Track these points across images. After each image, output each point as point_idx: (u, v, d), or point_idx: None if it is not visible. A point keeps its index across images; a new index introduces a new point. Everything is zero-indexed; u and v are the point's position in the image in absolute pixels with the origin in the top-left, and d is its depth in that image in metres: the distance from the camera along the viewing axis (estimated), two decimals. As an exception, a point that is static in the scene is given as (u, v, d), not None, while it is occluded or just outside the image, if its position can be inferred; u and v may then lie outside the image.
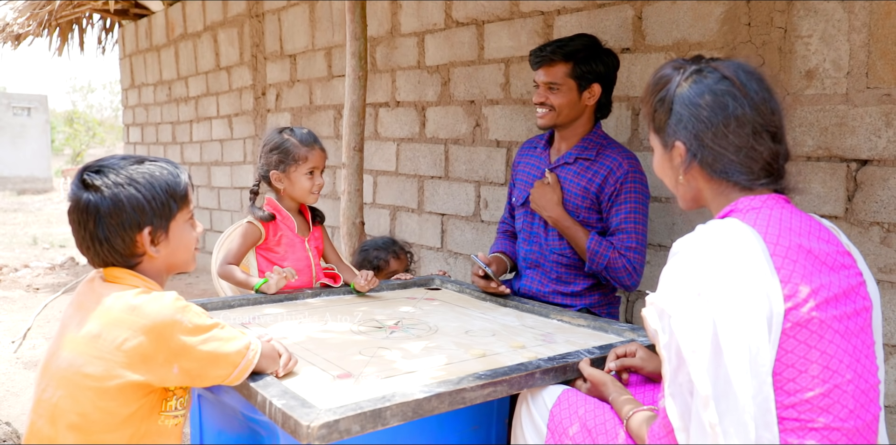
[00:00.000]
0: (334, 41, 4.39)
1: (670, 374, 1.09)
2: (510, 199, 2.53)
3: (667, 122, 1.23)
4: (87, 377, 1.26)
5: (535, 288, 2.31)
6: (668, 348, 1.09)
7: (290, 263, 2.23)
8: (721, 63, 1.22)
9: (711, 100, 1.18)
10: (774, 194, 1.21)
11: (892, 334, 2.07)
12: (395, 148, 3.97)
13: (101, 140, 31.71)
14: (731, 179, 1.21)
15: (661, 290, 1.13)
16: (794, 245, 1.12)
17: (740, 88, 1.18)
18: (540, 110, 2.25)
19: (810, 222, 1.20)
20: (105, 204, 1.30)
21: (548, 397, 1.45)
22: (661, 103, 1.24)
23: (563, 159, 2.28)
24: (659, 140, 1.28)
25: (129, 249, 1.34)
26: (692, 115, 1.19)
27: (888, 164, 2.04)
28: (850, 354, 1.10)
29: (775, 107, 1.20)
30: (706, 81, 1.20)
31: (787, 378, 1.06)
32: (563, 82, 2.19)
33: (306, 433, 1.14)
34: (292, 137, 2.20)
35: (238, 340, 1.35)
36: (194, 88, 6.37)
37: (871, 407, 1.11)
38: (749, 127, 1.17)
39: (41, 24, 6.47)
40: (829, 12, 2.12)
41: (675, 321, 1.07)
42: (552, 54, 2.18)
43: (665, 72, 1.26)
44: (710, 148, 1.19)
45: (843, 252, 1.19)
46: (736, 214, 1.18)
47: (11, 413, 2.99)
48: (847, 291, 1.14)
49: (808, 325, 1.07)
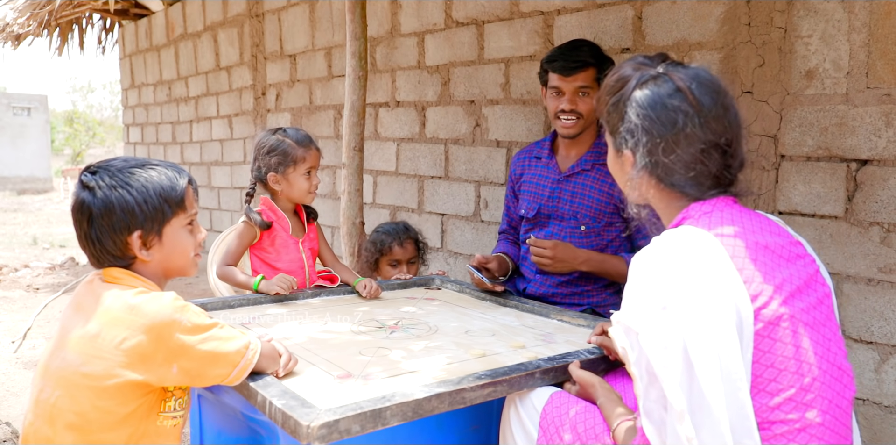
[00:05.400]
0: (334, 41, 4.39)
1: (643, 391, 1.08)
2: (510, 210, 2.50)
3: (619, 127, 1.22)
4: (85, 376, 1.26)
5: (544, 290, 2.30)
6: (639, 365, 1.08)
7: (283, 264, 2.23)
8: (679, 71, 1.19)
9: (662, 113, 1.16)
10: (722, 197, 1.20)
11: (892, 334, 2.07)
12: (395, 148, 3.98)
13: (101, 140, 31.73)
14: (680, 189, 1.20)
15: (626, 307, 1.11)
16: (752, 243, 1.12)
17: (693, 103, 1.16)
18: (568, 120, 2.19)
19: (759, 219, 1.20)
20: (97, 205, 1.31)
21: (536, 398, 1.44)
22: (615, 107, 1.23)
23: (578, 167, 2.26)
24: (612, 142, 1.28)
25: (121, 250, 1.34)
26: (642, 127, 1.18)
27: (888, 164, 2.04)
28: (821, 344, 1.11)
29: (731, 119, 1.19)
30: (659, 92, 1.18)
31: (769, 379, 1.06)
32: (592, 86, 2.17)
33: (306, 433, 1.14)
34: (288, 139, 2.19)
35: (237, 339, 1.35)
36: (194, 88, 6.37)
37: (846, 393, 1.12)
38: (698, 144, 1.16)
39: (41, 24, 6.46)
40: (829, 12, 2.12)
41: (642, 337, 1.06)
42: (588, 58, 2.16)
43: (624, 72, 1.24)
44: (658, 161, 1.18)
45: (794, 242, 1.20)
46: (690, 220, 1.18)
47: (11, 413, 2.99)
48: (808, 281, 1.14)
49: (779, 322, 1.07)
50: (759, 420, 1.06)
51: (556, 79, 2.19)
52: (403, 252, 2.67)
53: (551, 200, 2.29)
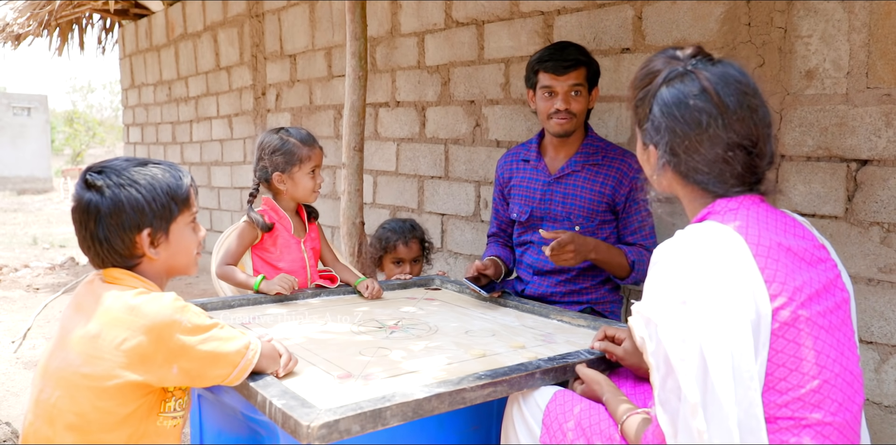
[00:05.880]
0: (334, 41, 4.39)
1: (659, 381, 1.10)
2: (498, 213, 2.50)
3: (645, 121, 1.23)
4: (85, 377, 1.26)
5: (543, 291, 2.31)
6: (657, 355, 1.10)
7: (285, 264, 2.23)
8: (707, 70, 1.19)
9: (686, 113, 1.17)
10: (750, 195, 1.20)
11: (892, 334, 2.07)
12: (395, 148, 3.97)
13: (101, 140, 31.74)
14: (705, 186, 1.21)
15: (647, 298, 1.13)
16: (775, 244, 1.12)
17: (717, 104, 1.16)
18: (561, 118, 2.19)
19: (785, 219, 1.20)
20: (105, 204, 1.30)
21: (540, 397, 1.44)
22: (642, 101, 1.24)
23: (568, 168, 2.26)
24: (640, 135, 1.29)
25: (129, 250, 1.34)
26: (666, 126, 1.18)
27: (888, 164, 2.04)
28: (835, 348, 1.11)
29: (758, 120, 1.18)
30: (685, 91, 1.17)
31: (779, 378, 1.07)
32: (584, 85, 2.18)
33: (306, 433, 1.14)
34: (292, 138, 2.19)
35: (237, 340, 1.35)
36: (194, 88, 6.37)
37: (856, 398, 1.13)
38: (721, 145, 1.16)
39: (41, 24, 6.46)
40: (829, 12, 2.12)
41: (661, 329, 1.08)
42: (579, 56, 2.17)
43: (654, 66, 1.24)
44: (682, 159, 1.19)
45: (818, 246, 1.20)
46: (714, 216, 1.18)
47: (11, 414, 2.99)
48: (827, 285, 1.15)
49: (795, 324, 1.07)
50: (767, 415, 1.07)
51: (548, 78, 2.18)
52: (408, 251, 2.66)
53: (543, 202, 2.29)
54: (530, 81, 2.26)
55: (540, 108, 2.23)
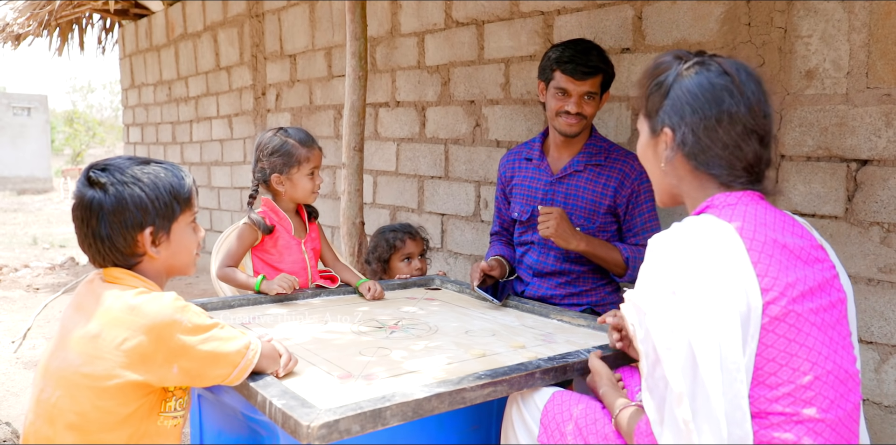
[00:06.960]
0: (334, 41, 4.39)
1: (648, 368, 1.12)
2: (500, 212, 2.50)
3: (660, 107, 1.25)
4: (85, 376, 1.26)
5: (543, 293, 2.30)
6: (646, 343, 1.12)
7: (286, 265, 2.23)
8: (724, 59, 1.24)
9: (710, 92, 1.20)
10: (750, 191, 1.22)
11: (892, 334, 2.07)
12: (395, 148, 3.98)
13: (101, 140, 31.74)
14: (712, 172, 1.22)
15: (639, 287, 1.15)
16: (770, 240, 1.14)
17: (739, 86, 1.19)
18: (571, 120, 2.18)
19: (784, 218, 1.21)
20: (109, 202, 1.30)
21: (538, 397, 1.45)
22: (658, 87, 1.26)
23: (570, 168, 2.26)
24: (648, 125, 1.30)
25: (130, 248, 1.34)
26: (687, 104, 1.21)
27: (888, 164, 2.04)
28: (827, 345, 1.12)
29: (768, 111, 1.22)
30: (707, 74, 1.21)
31: (769, 372, 1.08)
32: (598, 92, 2.19)
33: (306, 433, 1.15)
34: (291, 139, 2.18)
35: (238, 340, 1.35)
36: (194, 88, 6.37)
37: (851, 396, 1.13)
38: (740, 126, 1.19)
39: (41, 24, 6.46)
40: (829, 12, 2.12)
41: (650, 318, 1.09)
42: (600, 63, 2.15)
43: (666, 59, 1.28)
44: (698, 139, 1.21)
45: (816, 246, 1.21)
46: (712, 210, 1.20)
47: (11, 413, 2.99)
48: (822, 284, 1.16)
49: (785, 319, 1.08)
50: (757, 410, 1.08)
51: (564, 80, 2.16)
52: (415, 244, 2.72)
53: (545, 202, 2.29)
54: (545, 74, 2.23)
55: (550, 105, 2.22)
